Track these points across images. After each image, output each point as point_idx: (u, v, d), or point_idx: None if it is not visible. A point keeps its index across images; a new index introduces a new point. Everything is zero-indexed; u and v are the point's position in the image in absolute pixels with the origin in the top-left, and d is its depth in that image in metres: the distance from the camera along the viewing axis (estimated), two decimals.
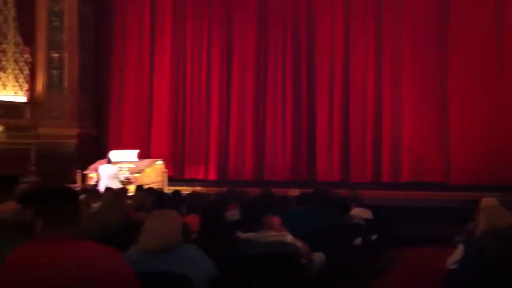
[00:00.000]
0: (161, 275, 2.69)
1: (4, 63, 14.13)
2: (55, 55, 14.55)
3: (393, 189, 12.55)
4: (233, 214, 4.84)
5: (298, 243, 3.90)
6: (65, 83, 14.65)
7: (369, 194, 9.78)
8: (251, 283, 3.21)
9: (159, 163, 13.54)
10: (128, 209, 5.82)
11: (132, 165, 12.84)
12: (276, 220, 4.02)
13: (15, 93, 14.39)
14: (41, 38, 14.42)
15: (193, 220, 4.77)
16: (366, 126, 14.09)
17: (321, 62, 14.50)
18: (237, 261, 3.16)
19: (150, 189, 9.14)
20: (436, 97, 13.67)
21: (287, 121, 14.67)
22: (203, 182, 14.26)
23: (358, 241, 5.40)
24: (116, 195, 6.09)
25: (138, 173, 12.51)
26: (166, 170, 13.62)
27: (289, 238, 3.85)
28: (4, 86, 14.25)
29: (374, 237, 5.99)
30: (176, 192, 7.43)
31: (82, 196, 6.54)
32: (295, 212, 4.86)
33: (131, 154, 13.28)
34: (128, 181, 12.10)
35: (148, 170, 12.93)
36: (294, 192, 6.68)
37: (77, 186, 12.04)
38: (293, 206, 5.28)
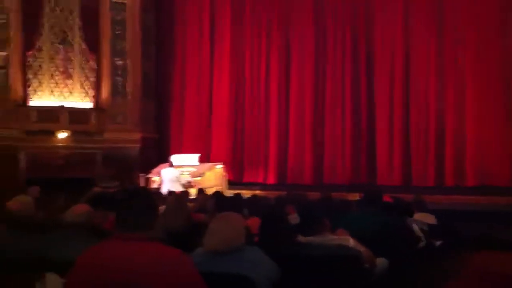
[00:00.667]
0: (225, 276, 2.74)
1: (71, 70, 14.72)
2: (119, 62, 15.06)
3: (457, 194, 12.21)
4: (293, 218, 4.85)
5: (360, 248, 3.87)
6: (129, 90, 15.13)
7: (431, 198, 9.56)
8: (314, 287, 3.21)
9: (219, 166, 13.72)
10: (190, 212, 5.94)
11: (193, 169, 13.08)
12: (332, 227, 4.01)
13: (81, 99, 14.96)
14: (106, 46, 14.94)
15: (254, 223, 4.83)
16: (428, 129, 13.79)
17: (381, 64, 14.32)
18: (299, 264, 3.17)
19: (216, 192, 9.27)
20: (500, 100, 13.22)
21: (346, 124, 14.54)
22: (262, 186, 14.35)
23: (421, 246, 5.28)
24: (179, 198, 6.23)
25: (198, 176, 12.72)
26: (225, 174, 13.79)
27: (351, 242, 3.82)
28: (71, 92, 14.84)
29: (437, 242, 5.85)
30: (237, 195, 7.52)
31: None
32: (356, 216, 4.82)
33: (192, 158, 13.52)
34: (189, 185, 12.33)
35: (208, 173, 13.13)
36: (354, 196, 6.62)
37: None
38: (353, 210, 5.23)
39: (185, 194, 8.00)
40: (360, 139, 14.47)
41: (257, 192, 11.63)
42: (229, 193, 11.17)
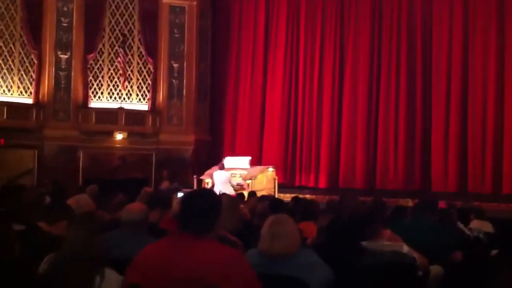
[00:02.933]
0: (279, 278, 2.76)
1: (129, 73, 15.14)
2: (176, 65, 15.37)
3: None
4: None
5: (415, 254, 3.82)
6: (184, 92, 15.41)
7: (489, 206, 9.30)
8: None
9: (271, 170, 13.73)
10: (243, 213, 6.00)
11: (244, 172, 13.15)
12: (387, 231, 3.98)
13: (138, 101, 15.36)
14: (163, 49, 15.28)
15: (307, 226, 4.84)
16: (486, 135, 13.39)
17: (438, 69, 14.02)
18: (355, 268, 3.17)
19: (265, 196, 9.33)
20: None
21: (400, 129, 14.30)
22: (313, 190, 14.29)
23: (477, 255, 5.15)
24: (232, 200, 6.30)
25: (250, 179, 12.79)
26: (276, 177, 13.79)
27: (405, 248, 3.79)
28: (129, 95, 15.27)
29: (494, 252, 5.69)
30: (296, 198, 7.53)
31: None
32: (411, 223, 4.75)
33: (244, 161, 13.59)
34: (240, 187, 12.42)
35: (260, 176, 13.17)
36: (407, 202, 6.52)
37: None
38: (409, 216, 5.16)
39: (239, 196, 8.09)
40: (414, 144, 14.19)
41: (307, 196, 11.57)
42: (281, 196, 11.20)
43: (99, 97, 15.02)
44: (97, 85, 15.01)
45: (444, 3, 14.10)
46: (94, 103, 14.87)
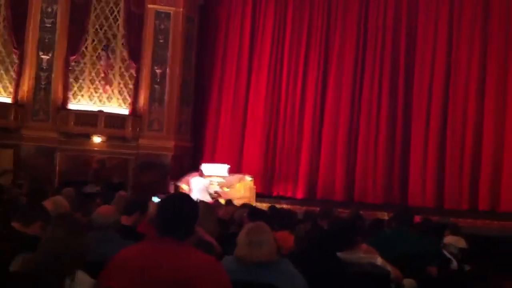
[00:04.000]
0: (257, 286, 2.76)
1: (111, 77, 15.06)
2: (159, 70, 15.31)
3: (491, 218, 11.96)
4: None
5: (388, 267, 3.85)
6: (166, 98, 15.33)
7: (465, 222, 9.41)
8: None
9: (249, 178, 13.73)
10: (219, 221, 5.99)
11: (222, 180, 13.13)
12: (362, 244, 4.01)
13: (119, 105, 15.26)
14: (147, 54, 15.20)
15: (283, 236, 4.85)
16: (464, 151, 13.56)
17: (419, 85, 14.17)
18: (332, 279, 3.18)
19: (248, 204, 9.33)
20: None
21: (380, 143, 14.42)
22: (291, 200, 14.31)
23: (451, 269, 5.22)
24: (209, 206, 6.29)
25: (227, 187, 12.78)
26: (255, 187, 13.78)
27: (379, 260, 3.81)
28: (110, 98, 15.16)
29: (467, 267, 5.76)
30: (273, 208, 7.54)
31: None
32: (387, 235, 4.79)
33: (222, 169, 13.58)
34: (217, 195, 12.39)
35: (238, 185, 13.17)
36: (383, 215, 6.58)
37: None
38: (384, 229, 5.20)
39: (216, 204, 8.08)
40: (393, 158, 14.31)
41: (284, 206, 11.58)
42: (258, 205, 11.20)
43: (79, 99, 14.89)
44: (78, 87, 14.88)
45: (430, 16, 14.27)
46: (74, 105, 14.74)
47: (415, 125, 14.14)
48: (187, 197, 2.71)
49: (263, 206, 10.83)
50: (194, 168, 13.85)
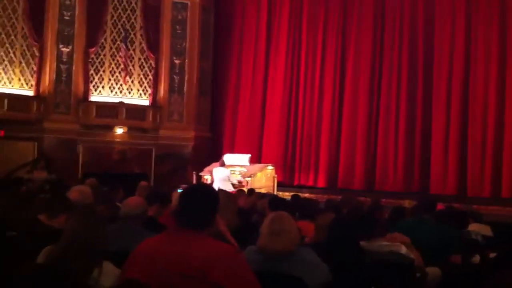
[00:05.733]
0: (278, 277, 2.76)
1: (130, 68, 15.14)
2: (177, 61, 15.37)
3: None
4: None
5: (412, 255, 3.82)
6: (185, 88, 15.42)
7: (488, 210, 9.29)
8: None
9: (270, 168, 13.75)
10: (240, 210, 5.99)
11: (243, 169, 13.17)
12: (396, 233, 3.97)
13: (139, 96, 15.35)
14: (165, 45, 15.29)
15: (305, 225, 4.84)
16: (486, 138, 13.34)
17: (439, 72, 13.96)
18: (354, 268, 3.16)
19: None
20: None
21: (400, 130, 14.28)
22: (312, 189, 14.29)
23: (476, 258, 5.16)
24: (229, 195, 6.30)
25: (249, 177, 12.80)
26: (276, 175, 13.81)
27: (403, 249, 3.78)
28: (130, 90, 15.26)
29: (492, 255, 5.69)
30: (296, 197, 7.53)
31: None
32: (410, 223, 4.75)
33: (243, 158, 13.62)
34: (239, 185, 12.43)
35: (259, 174, 13.19)
36: (408, 203, 6.53)
37: None
38: (407, 217, 5.16)
39: (238, 193, 8.10)
40: (414, 145, 14.17)
41: (306, 195, 11.57)
42: (279, 195, 11.21)
43: (100, 91, 15.01)
44: (98, 79, 15.00)
45: (446, 4, 14.05)
46: (94, 97, 14.87)
47: (436, 111, 13.95)
48: (207, 188, 2.71)
49: (285, 195, 10.86)
50: (214, 158, 13.90)
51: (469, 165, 13.45)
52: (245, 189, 11.05)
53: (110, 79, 15.08)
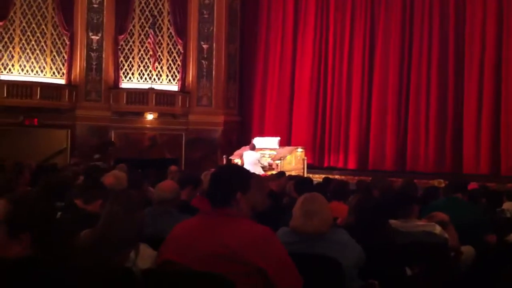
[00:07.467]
0: (312, 257, 2.77)
1: (159, 54, 15.24)
2: (205, 45, 15.40)
3: None
4: None
5: (447, 235, 3.79)
6: (214, 73, 15.46)
7: None
8: (401, 272, 3.18)
9: (300, 150, 13.74)
10: (271, 192, 6.02)
11: (273, 152, 13.19)
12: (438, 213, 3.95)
13: (168, 82, 15.47)
14: (193, 30, 15.33)
15: (337, 206, 4.84)
16: None
17: (470, 52, 13.67)
18: (386, 249, 3.16)
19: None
20: None
21: (432, 109, 14.07)
22: (343, 171, 14.24)
23: (510, 237, 5.10)
24: (259, 179, 6.32)
25: (279, 159, 12.82)
26: (305, 158, 13.80)
27: (437, 229, 3.76)
28: (159, 75, 15.38)
29: None
30: (327, 179, 7.51)
31: None
32: (443, 203, 4.71)
33: (273, 141, 13.63)
34: (270, 167, 12.47)
35: (289, 157, 13.20)
36: (438, 182, 6.46)
37: None
38: (440, 197, 5.11)
39: (269, 176, 8.13)
40: (445, 125, 13.94)
41: (337, 176, 11.54)
42: (310, 177, 11.20)
43: (130, 78, 15.17)
44: (128, 66, 15.15)
45: None
46: (125, 84, 15.04)
47: (468, 90, 13.69)
48: (237, 167, 2.72)
49: (315, 177, 10.86)
50: (243, 142, 13.94)
51: (502, 144, 13.20)
52: (275, 171, 11.09)
53: (139, 66, 15.23)
